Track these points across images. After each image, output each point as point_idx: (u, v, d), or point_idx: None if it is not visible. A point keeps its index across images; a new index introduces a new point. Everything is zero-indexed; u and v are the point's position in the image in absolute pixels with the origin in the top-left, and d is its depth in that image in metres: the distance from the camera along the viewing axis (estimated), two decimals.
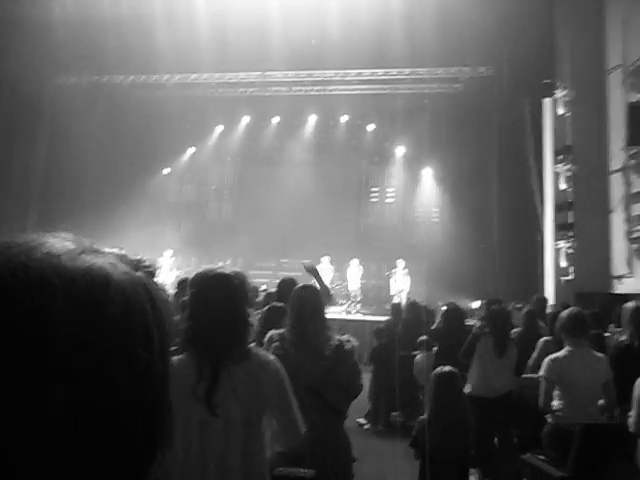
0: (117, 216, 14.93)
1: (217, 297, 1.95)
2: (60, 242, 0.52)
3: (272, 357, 2.09)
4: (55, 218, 14.04)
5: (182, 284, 7.75)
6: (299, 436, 2.03)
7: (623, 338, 4.22)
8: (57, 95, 15.30)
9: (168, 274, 14.20)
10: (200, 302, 1.99)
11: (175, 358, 1.94)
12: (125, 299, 0.50)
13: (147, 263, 0.58)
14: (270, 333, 2.92)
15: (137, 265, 0.56)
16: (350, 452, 3.02)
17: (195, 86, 16.20)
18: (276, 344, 2.81)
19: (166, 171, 17.59)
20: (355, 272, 14.55)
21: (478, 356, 4.77)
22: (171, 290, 7.08)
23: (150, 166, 16.56)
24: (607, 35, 11.65)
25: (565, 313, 4.03)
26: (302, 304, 2.84)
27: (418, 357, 6.18)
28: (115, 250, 0.56)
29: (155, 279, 0.58)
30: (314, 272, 4.32)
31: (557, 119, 11.70)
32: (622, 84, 11.22)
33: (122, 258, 0.55)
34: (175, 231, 17.15)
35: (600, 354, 4.00)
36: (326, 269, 14.15)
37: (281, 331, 2.88)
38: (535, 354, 5.35)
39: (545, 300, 8.02)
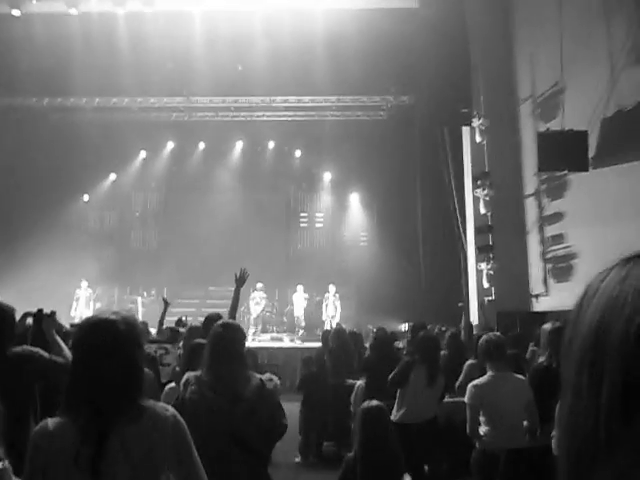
0: (30, 246, 14.03)
1: (98, 347, 1.70)
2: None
3: (170, 411, 1.85)
4: None
5: (178, 323, 7.29)
6: None
7: (541, 360, 4.32)
8: None
9: (85, 307, 13.47)
10: (79, 354, 1.76)
11: (51, 422, 1.70)
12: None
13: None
14: (186, 375, 2.72)
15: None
16: None
17: (116, 110, 15.67)
18: (192, 387, 2.62)
19: (86, 198, 16.79)
20: (300, 298, 14.37)
21: (410, 385, 4.72)
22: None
23: (67, 193, 15.72)
24: (517, 68, 12.41)
25: (483, 339, 4.08)
26: (219, 343, 2.67)
27: (358, 383, 6.07)
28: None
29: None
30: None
31: (475, 146, 12.24)
32: (532, 114, 11.94)
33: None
34: (96, 261, 16.34)
35: (520, 376, 4.07)
36: (260, 297, 13.97)
37: (198, 373, 2.69)
38: (461, 377, 5.41)
39: (471, 325, 8.20)
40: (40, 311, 3.20)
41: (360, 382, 6.05)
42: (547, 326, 4.29)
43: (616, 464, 0.44)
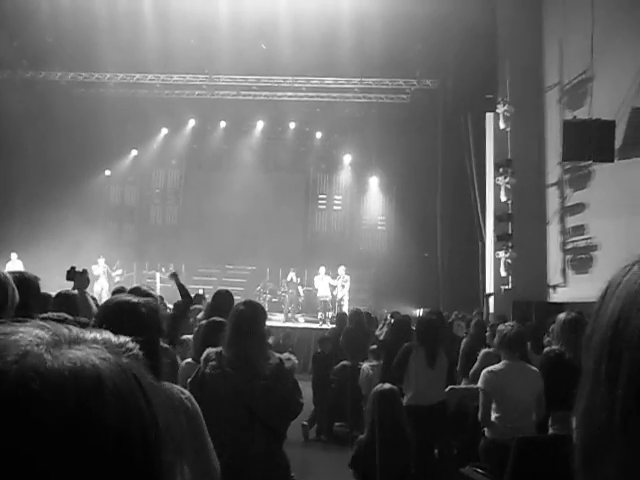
0: (53, 218, 14.28)
1: (119, 329, 1.74)
2: (33, 332, 0.42)
3: (186, 394, 1.89)
4: None
5: (197, 298, 7.41)
6: (214, 477, 1.89)
7: (554, 347, 4.32)
8: None
9: (104, 281, 13.71)
10: None
11: None
12: (121, 401, 0.42)
13: (130, 345, 0.51)
14: (207, 351, 2.80)
15: (121, 349, 0.48)
16: (289, 472, 2.94)
17: (139, 86, 15.73)
18: (213, 363, 2.70)
19: (107, 173, 16.98)
20: (323, 280, 14.02)
21: (411, 368, 4.85)
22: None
23: (90, 167, 15.92)
24: (545, 55, 12.16)
25: (505, 329, 4.09)
26: (240, 320, 2.74)
27: (364, 366, 6.17)
28: (96, 333, 0.48)
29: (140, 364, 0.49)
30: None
31: (498, 133, 12.07)
32: (558, 102, 11.72)
33: (106, 343, 0.47)
34: (116, 235, 16.58)
35: (535, 368, 4.09)
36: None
37: (219, 349, 2.77)
38: (476, 365, 5.44)
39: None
40: (73, 269, 3.46)
41: (366, 365, 6.14)
42: (562, 315, 4.27)
43: (626, 454, 0.45)
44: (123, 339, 0.52)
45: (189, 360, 3.80)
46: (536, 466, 3.39)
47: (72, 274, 3.56)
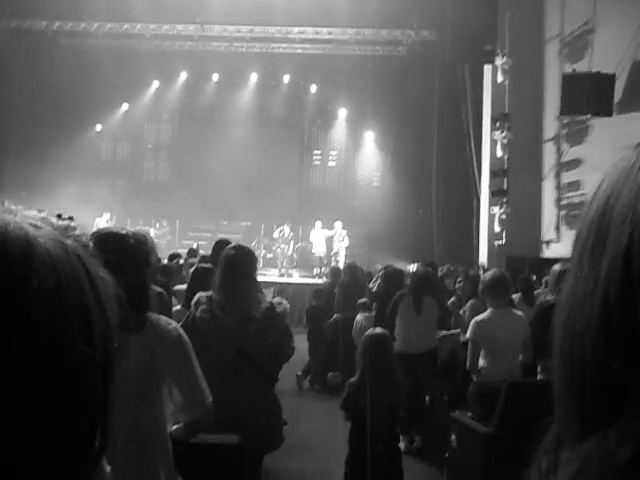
0: (45, 173, 14.07)
1: (106, 261, 1.71)
2: None
3: (173, 324, 1.92)
4: None
5: (191, 252, 7.37)
6: (204, 406, 1.91)
7: (549, 298, 4.36)
8: None
9: None
10: None
11: None
12: (55, 272, 0.37)
13: (78, 232, 0.44)
14: (197, 295, 2.79)
15: (65, 232, 0.42)
16: (280, 416, 2.98)
17: (128, 37, 15.26)
18: (203, 307, 2.69)
19: (98, 128, 16.67)
20: (319, 235, 13.90)
21: (400, 315, 5.01)
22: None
23: (80, 121, 15.58)
24: (546, 4, 11.82)
25: (487, 275, 4.12)
26: (231, 264, 2.71)
27: (358, 318, 6.23)
28: (33, 212, 0.42)
29: (88, 252, 0.43)
30: None
31: (496, 86, 11.87)
32: (559, 54, 11.47)
33: (44, 220, 0.41)
34: (108, 191, 16.42)
35: (520, 312, 4.14)
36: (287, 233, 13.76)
37: (209, 293, 2.75)
38: (466, 315, 5.50)
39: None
40: (59, 216, 3.38)
41: (359, 316, 6.22)
42: (557, 267, 4.30)
43: (603, 352, 0.39)
44: (72, 224, 0.46)
45: (179, 307, 3.81)
46: (525, 410, 3.46)
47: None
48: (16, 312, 0.34)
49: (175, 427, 1.97)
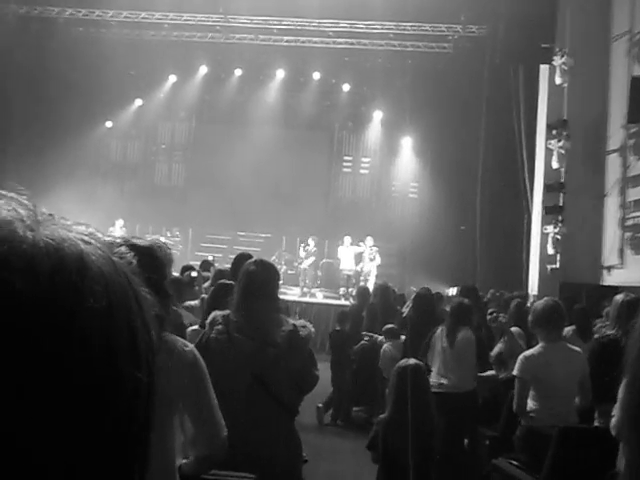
0: (50, 172, 14.40)
1: (148, 277, 1.78)
2: (7, 205, 0.40)
3: (190, 347, 1.96)
4: None
5: (204, 265, 7.54)
6: (218, 440, 1.93)
7: (609, 332, 4.28)
8: None
9: None
10: None
11: None
12: (107, 291, 0.39)
13: (123, 249, 0.48)
14: (213, 314, 2.82)
15: (111, 247, 0.44)
16: (300, 452, 2.98)
17: (145, 26, 15.64)
18: (219, 327, 2.72)
19: (108, 124, 17.07)
20: (348, 251, 13.88)
21: (433, 346, 4.95)
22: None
23: (89, 117, 15.98)
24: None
25: (540, 305, 4.06)
26: (250, 281, 2.74)
27: (385, 346, 6.21)
28: (82, 226, 0.44)
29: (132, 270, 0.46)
30: None
31: (554, 89, 11.79)
32: (627, 54, 11.35)
33: (91, 236, 0.43)
34: (117, 194, 16.74)
35: (577, 348, 4.06)
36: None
37: (226, 312, 2.78)
38: (501, 345, 5.41)
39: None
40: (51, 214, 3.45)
41: (386, 345, 6.19)
42: (619, 297, 4.23)
43: None
44: (117, 240, 0.49)
45: (195, 327, 3.86)
46: (578, 459, 3.39)
47: None
48: (71, 331, 0.37)
49: (184, 461, 1.99)
